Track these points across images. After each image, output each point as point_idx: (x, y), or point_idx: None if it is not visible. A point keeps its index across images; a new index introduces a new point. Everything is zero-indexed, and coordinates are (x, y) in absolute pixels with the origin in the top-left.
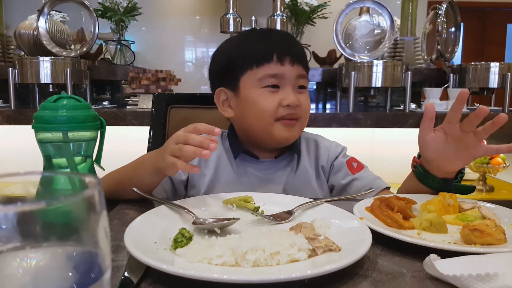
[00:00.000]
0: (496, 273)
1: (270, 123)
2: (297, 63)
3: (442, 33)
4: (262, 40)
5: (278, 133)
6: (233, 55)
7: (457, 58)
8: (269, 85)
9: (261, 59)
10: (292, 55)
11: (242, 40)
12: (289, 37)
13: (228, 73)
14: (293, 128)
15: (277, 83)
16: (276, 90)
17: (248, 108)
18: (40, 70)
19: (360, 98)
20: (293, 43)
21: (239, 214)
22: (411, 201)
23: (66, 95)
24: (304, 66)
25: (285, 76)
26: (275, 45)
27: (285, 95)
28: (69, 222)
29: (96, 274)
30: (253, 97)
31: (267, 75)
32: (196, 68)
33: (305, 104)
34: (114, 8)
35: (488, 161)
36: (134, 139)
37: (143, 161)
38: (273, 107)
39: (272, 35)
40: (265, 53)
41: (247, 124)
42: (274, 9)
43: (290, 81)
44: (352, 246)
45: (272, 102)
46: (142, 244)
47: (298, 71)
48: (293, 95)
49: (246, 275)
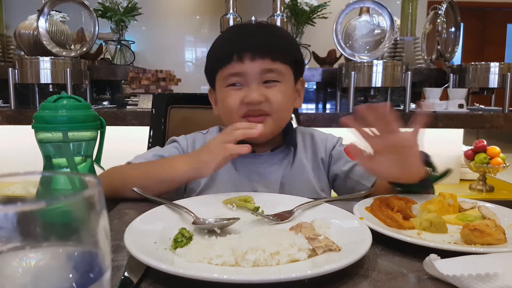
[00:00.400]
0: (496, 273)
1: (236, 120)
2: (260, 57)
3: (442, 33)
4: (228, 39)
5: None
6: (209, 56)
7: (457, 58)
8: (232, 84)
9: (223, 59)
10: (252, 50)
11: (217, 40)
12: (258, 30)
13: (208, 73)
14: (262, 124)
15: (240, 81)
16: (240, 88)
17: (220, 106)
18: (40, 70)
19: (360, 98)
20: (259, 37)
21: (239, 214)
22: (411, 201)
23: (66, 95)
24: (273, 58)
25: (246, 73)
26: (236, 43)
27: (247, 92)
28: (69, 222)
29: (96, 274)
30: (222, 96)
31: (229, 74)
32: (196, 68)
33: (275, 98)
34: (114, 8)
35: (488, 161)
36: (134, 139)
37: (171, 161)
38: (236, 105)
39: (239, 30)
40: (226, 54)
41: (224, 124)
42: (274, 9)
43: (253, 77)
44: (352, 246)
45: (236, 100)
46: (142, 244)
47: (261, 66)
48: (256, 92)
49: (246, 275)
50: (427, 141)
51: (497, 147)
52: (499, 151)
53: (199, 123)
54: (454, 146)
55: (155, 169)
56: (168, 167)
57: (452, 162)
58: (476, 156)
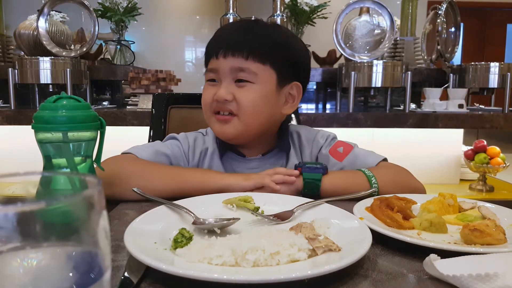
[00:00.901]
0: (496, 273)
1: (208, 116)
2: (231, 55)
3: (442, 33)
4: (214, 35)
5: (214, 127)
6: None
7: (457, 58)
8: (211, 79)
9: (206, 54)
10: (226, 47)
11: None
12: (241, 27)
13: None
14: (227, 124)
15: (214, 77)
16: (214, 84)
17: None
18: (40, 70)
19: (360, 98)
20: (237, 34)
21: (239, 214)
22: (411, 201)
23: (66, 95)
24: (245, 56)
25: (218, 70)
26: (217, 39)
27: (218, 88)
28: (69, 222)
29: (96, 274)
30: (203, 90)
31: (208, 69)
32: (196, 68)
33: (243, 99)
34: (114, 8)
35: (488, 161)
36: (134, 139)
37: (200, 176)
38: (209, 101)
39: (225, 28)
40: (208, 49)
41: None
42: (274, 9)
43: (225, 74)
44: (352, 246)
45: (209, 95)
46: (142, 244)
47: (232, 64)
48: (224, 89)
49: (246, 275)
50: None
51: (497, 147)
52: (499, 151)
53: (199, 123)
54: (454, 146)
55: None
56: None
57: (452, 162)
58: (476, 156)
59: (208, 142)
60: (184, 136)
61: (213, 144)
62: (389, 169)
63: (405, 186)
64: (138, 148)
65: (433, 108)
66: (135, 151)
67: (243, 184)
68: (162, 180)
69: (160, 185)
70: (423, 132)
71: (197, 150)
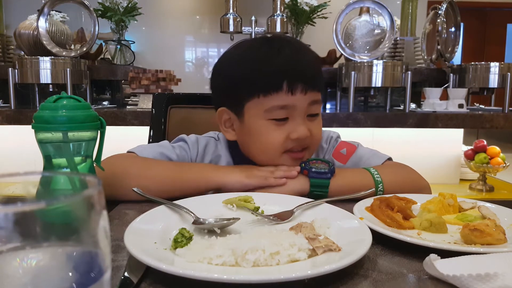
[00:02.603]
0: (496, 273)
1: (276, 156)
2: (311, 89)
3: (442, 33)
4: (270, 62)
5: (285, 163)
6: (237, 77)
7: (457, 58)
8: (277, 119)
9: (269, 88)
10: (305, 81)
11: (249, 57)
12: (303, 53)
13: (232, 95)
14: (301, 160)
15: (286, 115)
16: (284, 122)
17: (253, 138)
18: (40, 70)
19: (360, 98)
20: (307, 62)
21: (239, 214)
22: (411, 201)
23: (66, 95)
24: (319, 89)
25: (295, 107)
26: (285, 69)
27: (294, 127)
28: (69, 222)
29: (96, 274)
30: (258, 128)
31: (275, 107)
32: (196, 68)
33: (316, 132)
34: (114, 8)
35: (488, 161)
36: (134, 139)
37: (195, 171)
38: (280, 141)
39: (282, 52)
40: (273, 81)
41: (250, 152)
42: (274, 9)
43: (301, 111)
44: (352, 246)
45: (280, 135)
46: (142, 244)
47: (311, 98)
48: (304, 126)
49: (246, 275)
50: (427, 141)
51: (497, 147)
52: (499, 151)
53: (199, 123)
54: (454, 146)
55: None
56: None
57: (452, 162)
58: (476, 156)
59: (220, 149)
60: (194, 140)
61: (226, 153)
62: (395, 168)
63: (411, 185)
64: (143, 147)
65: (433, 108)
66: (138, 150)
67: (246, 182)
68: (161, 177)
69: (159, 183)
70: (423, 132)
71: (207, 156)
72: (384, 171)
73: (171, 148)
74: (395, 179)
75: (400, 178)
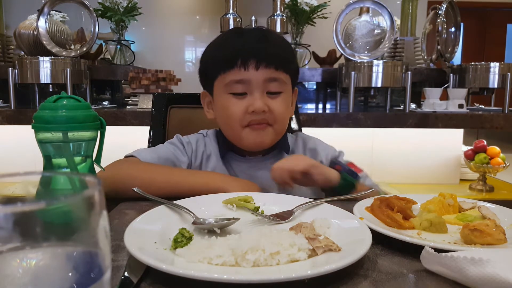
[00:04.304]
0: (488, 260)
1: (238, 129)
2: (264, 66)
3: (442, 33)
4: (231, 43)
5: (247, 139)
6: (207, 58)
7: (457, 58)
8: (235, 92)
9: (226, 64)
10: (258, 57)
11: (216, 41)
12: (264, 37)
13: (205, 76)
14: (263, 132)
15: (243, 89)
16: (243, 97)
17: (219, 113)
18: (40, 70)
19: (360, 98)
20: (264, 43)
21: (239, 214)
22: (411, 201)
23: (66, 95)
24: (277, 67)
25: (250, 81)
26: (240, 48)
27: (251, 101)
28: (69, 222)
29: (96, 274)
30: (222, 102)
31: (232, 81)
32: (196, 68)
33: (277, 109)
34: (114, 8)
35: (488, 161)
36: (134, 139)
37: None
38: (239, 114)
39: (243, 35)
40: (229, 58)
41: (222, 129)
42: (274, 9)
43: (257, 86)
44: (352, 246)
45: (239, 108)
46: (142, 244)
47: (266, 75)
48: (260, 100)
49: (246, 275)
50: (427, 141)
51: (497, 147)
52: (499, 151)
53: (199, 123)
54: (454, 146)
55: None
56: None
57: (452, 162)
58: (476, 156)
59: (208, 144)
60: (187, 140)
61: (214, 146)
62: None
63: None
64: (141, 151)
65: (433, 108)
66: (137, 153)
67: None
68: (164, 184)
69: (162, 190)
70: (423, 132)
71: (199, 153)
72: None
73: (167, 150)
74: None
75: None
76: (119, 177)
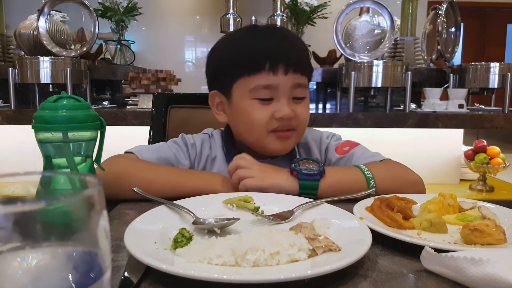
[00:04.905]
0: (488, 260)
1: (262, 135)
2: (292, 71)
3: (442, 33)
4: (255, 44)
5: (271, 145)
6: (225, 59)
7: (457, 58)
8: (262, 98)
9: (252, 67)
10: (286, 62)
11: (236, 41)
12: (287, 38)
13: (221, 77)
14: (288, 140)
15: (270, 95)
16: (268, 102)
17: (240, 118)
18: (40, 70)
19: (360, 98)
20: (290, 46)
21: (239, 214)
22: (411, 201)
23: (66, 95)
24: (302, 72)
25: (278, 87)
26: (268, 51)
27: (278, 107)
28: (69, 222)
29: (96, 274)
30: (244, 107)
31: (259, 86)
32: (196, 68)
33: (302, 115)
34: (114, 8)
35: (488, 161)
36: (134, 139)
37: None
38: (265, 120)
39: (267, 37)
40: (256, 61)
41: (239, 133)
42: (274, 9)
43: (285, 92)
44: (352, 246)
45: (264, 114)
46: (142, 244)
47: (293, 81)
48: (287, 107)
49: (246, 275)
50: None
51: (497, 147)
52: (499, 151)
53: (199, 123)
54: (454, 146)
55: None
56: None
57: (452, 162)
58: (476, 156)
59: (214, 146)
60: (192, 142)
61: (220, 148)
62: (385, 164)
63: (403, 179)
64: (141, 148)
65: (433, 108)
66: (136, 151)
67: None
68: (162, 183)
69: (160, 187)
70: (423, 132)
71: (204, 155)
72: (375, 167)
73: (169, 150)
74: (386, 174)
75: (391, 173)
76: (116, 173)
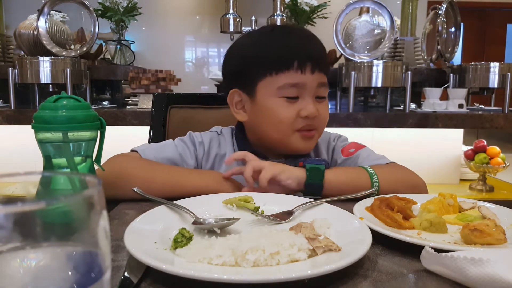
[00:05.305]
0: (488, 260)
1: (288, 134)
2: (318, 70)
3: (442, 33)
4: (282, 43)
5: (296, 144)
6: (250, 57)
7: (457, 58)
8: (289, 96)
9: (280, 65)
10: (313, 61)
11: (262, 40)
12: (311, 38)
13: (244, 76)
14: (311, 139)
15: (297, 93)
16: (295, 101)
17: (265, 116)
18: (40, 70)
19: (360, 98)
20: (315, 46)
21: (239, 214)
22: (411, 201)
23: (66, 95)
24: (325, 72)
25: (305, 85)
26: (296, 50)
27: (304, 105)
28: (69, 222)
29: (96, 274)
30: (270, 105)
31: (287, 84)
32: (196, 68)
33: (323, 114)
34: (114, 8)
35: (488, 161)
36: (134, 139)
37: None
38: (291, 118)
39: (293, 36)
40: (284, 59)
41: (262, 132)
42: (274, 9)
43: (310, 90)
44: (352, 246)
45: (291, 112)
46: (142, 244)
47: (318, 80)
48: (313, 105)
49: (246, 275)
50: (427, 141)
51: (497, 147)
52: (499, 151)
53: (199, 123)
54: (454, 146)
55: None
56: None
57: (452, 162)
58: (476, 156)
59: (223, 143)
60: (200, 140)
61: (230, 146)
62: (391, 167)
63: (406, 182)
64: (146, 147)
65: (433, 108)
66: (141, 149)
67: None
68: (161, 183)
69: (160, 188)
70: (423, 132)
71: (212, 154)
72: (380, 169)
73: (173, 147)
74: (390, 176)
75: (395, 176)
76: (116, 173)
